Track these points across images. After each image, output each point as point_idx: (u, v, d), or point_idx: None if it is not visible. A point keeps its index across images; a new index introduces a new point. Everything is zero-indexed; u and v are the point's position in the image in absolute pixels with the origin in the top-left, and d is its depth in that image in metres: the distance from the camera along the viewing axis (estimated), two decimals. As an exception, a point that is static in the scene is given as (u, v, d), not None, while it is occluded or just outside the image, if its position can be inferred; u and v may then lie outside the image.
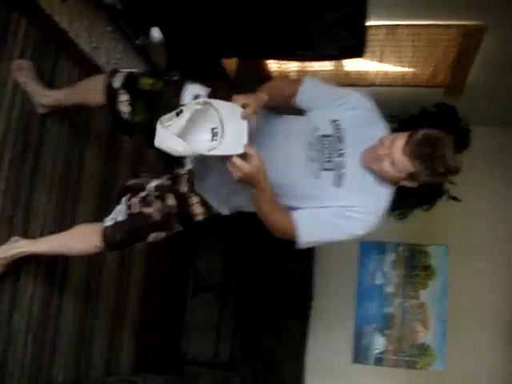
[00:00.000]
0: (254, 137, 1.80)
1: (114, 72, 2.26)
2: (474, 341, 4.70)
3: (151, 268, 3.82)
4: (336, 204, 1.96)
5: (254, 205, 1.92)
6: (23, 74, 2.39)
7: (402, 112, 4.75)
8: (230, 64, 3.59)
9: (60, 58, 2.66)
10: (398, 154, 1.87)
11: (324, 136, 1.99)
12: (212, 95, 2.21)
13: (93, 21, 2.93)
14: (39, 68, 2.50)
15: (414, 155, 1.85)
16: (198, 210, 2.16)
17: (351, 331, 5.05)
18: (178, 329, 4.63)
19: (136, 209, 2.16)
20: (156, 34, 3.18)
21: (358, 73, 4.54)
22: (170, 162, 2.23)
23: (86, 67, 2.89)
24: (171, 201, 2.14)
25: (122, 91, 2.19)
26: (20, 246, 2.34)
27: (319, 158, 1.97)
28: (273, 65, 4.55)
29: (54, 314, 2.72)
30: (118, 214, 2.19)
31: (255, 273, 4.76)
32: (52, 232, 2.60)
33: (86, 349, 3.06)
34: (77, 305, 2.93)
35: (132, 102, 2.17)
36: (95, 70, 2.99)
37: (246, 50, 3.28)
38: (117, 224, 2.17)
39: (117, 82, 2.20)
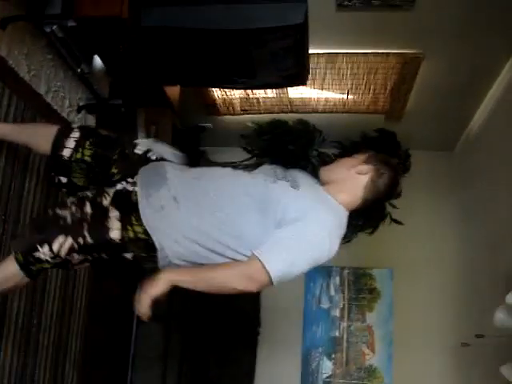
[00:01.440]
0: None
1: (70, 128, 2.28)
2: (421, 361, 4.77)
3: (94, 298, 3.73)
4: (295, 206, 1.95)
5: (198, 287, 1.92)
6: None
7: (344, 138, 4.84)
8: (173, 91, 3.58)
9: (-2, 86, 2.60)
10: (365, 168, 2.09)
11: (271, 167, 2.16)
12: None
13: (32, 49, 2.88)
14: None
15: (382, 173, 2.09)
16: (114, 225, 1.97)
17: (299, 356, 5.05)
18: (124, 360, 4.53)
19: (51, 211, 2.05)
20: (97, 62, 3.15)
21: (301, 100, 4.62)
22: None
23: (26, 95, 2.84)
24: (87, 208, 2.00)
25: (76, 130, 2.22)
26: None
27: (273, 176, 2.07)
28: (216, 92, 4.58)
29: (-7, 351, 2.62)
30: None
31: (200, 300, 4.71)
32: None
33: (28, 385, 2.96)
34: (17, 340, 2.82)
35: (79, 140, 2.17)
36: (35, 97, 2.94)
37: (188, 77, 3.28)
38: (30, 220, 2.11)
39: (75, 125, 2.28)
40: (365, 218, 4.76)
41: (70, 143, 2.16)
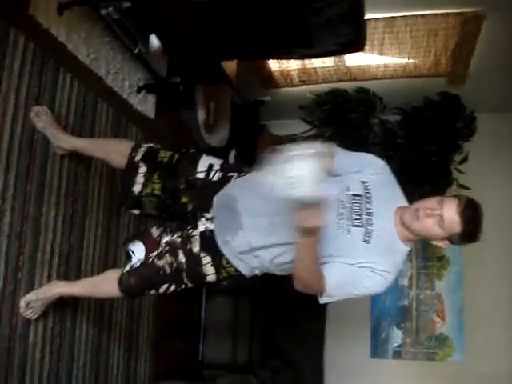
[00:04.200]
0: None
1: (137, 146, 2.46)
2: (493, 329, 4.66)
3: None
4: (363, 260, 2.04)
5: (299, 257, 1.96)
6: (41, 119, 2.49)
7: (406, 104, 4.74)
8: (230, 66, 3.58)
9: (60, 71, 2.66)
10: (451, 214, 1.98)
11: (354, 195, 2.11)
12: (224, 164, 2.40)
13: (90, 32, 2.93)
14: (40, 82, 2.51)
15: (465, 218, 1.98)
16: (209, 271, 2.24)
17: (368, 326, 5.03)
18: (195, 333, 4.63)
19: (150, 259, 2.28)
20: (154, 41, 3.18)
21: (359, 67, 4.53)
22: (183, 223, 2.32)
23: (86, 79, 2.90)
24: (181, 257, 2.24)
25: (141, 164, 2.39)
26: (59, 287, 2.51)
27: (348, 216, 2.07)
28: (273, 64, 4.55)
29: (70, 327, 2.72)
30: (137, 261, 2.33)
31: (266, 274, 4.74)
32: (62, 246, 2.62)
33: (104, 360, 3.06)
34: (92, 315, 2.93)
35: (147, 174, 2.37)
36: (95, 80, 3.00)
37: (245, 51, 3.28)
38: (133, 269, 2.31)
39: (138, 156, 2.41)
40: (431, 183, 4.67)
41: (139, 179, 2.37)
